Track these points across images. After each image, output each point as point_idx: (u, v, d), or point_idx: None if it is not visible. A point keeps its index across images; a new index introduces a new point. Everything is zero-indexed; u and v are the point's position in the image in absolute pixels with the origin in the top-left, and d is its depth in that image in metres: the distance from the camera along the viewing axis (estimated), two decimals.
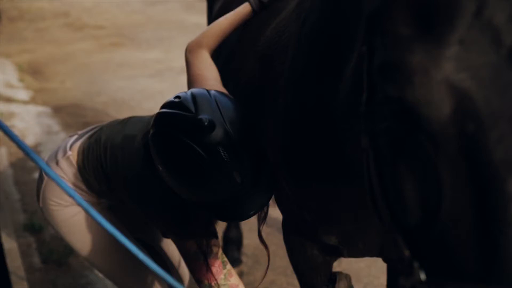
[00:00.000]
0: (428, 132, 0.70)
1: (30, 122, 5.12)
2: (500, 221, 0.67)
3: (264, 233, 1.48)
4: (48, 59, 7.20)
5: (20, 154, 4.22)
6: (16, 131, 4.85)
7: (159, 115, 1.45)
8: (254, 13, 1.70)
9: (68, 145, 1.86)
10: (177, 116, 1.39)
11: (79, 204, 0.94)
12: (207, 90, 1.47)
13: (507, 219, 0.66)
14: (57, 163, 1.84)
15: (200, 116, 1.35)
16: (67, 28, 8.89)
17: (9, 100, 5.64)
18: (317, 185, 1.31)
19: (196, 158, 1.34)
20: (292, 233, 1.57)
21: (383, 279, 1.61)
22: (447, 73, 0.68)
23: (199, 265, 1.62)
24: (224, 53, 1.76)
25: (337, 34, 1.09)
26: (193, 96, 1.43)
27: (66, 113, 5.38)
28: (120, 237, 0.92)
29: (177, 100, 1.43)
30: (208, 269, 1.61)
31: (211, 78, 1.64)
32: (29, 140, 4.71)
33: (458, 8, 0.67)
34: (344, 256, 1.60)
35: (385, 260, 1.56)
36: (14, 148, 4.36)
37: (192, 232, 1.62)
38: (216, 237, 1.67)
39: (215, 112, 1.38)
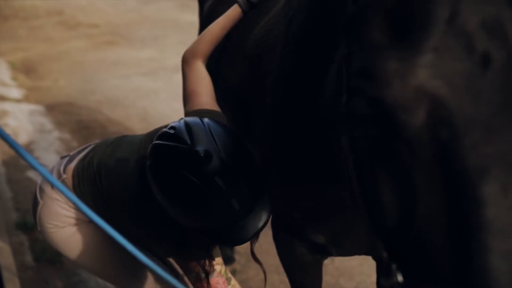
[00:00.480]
0: (404, 137, 0.71)
1: (23, 121, 5.11)
2: (473, 227, 0.68)
3: None
4: (42, 58, 7.18)
5: (12, 152, 4.21)
6: (9, 130, 4.84)
7: (155, 147, 1.46)
8: (244, 13, 1.71)
9: (62, 168, 1.86)
10: (173, 148, 1.40)
11: (80, 209, 0.95)
12: (200, 119, 1.47)
13: (480, 225, 0.67)
14: (52, 187, 1.84)
15: (196, 148, 1.36)
16: (61, 27, 8.86)
17: (1, 98, 5.63)
18: (305, 184, 1.32)
19: (194, 189, 1.35)
20: (281, 231, 1.58)
21: (375, 277, 1.63)
22: (421, 80, 0.69)
23: (204, 284, 1.63)
24: (215, 52, 1.76)
25: (324, 34, 1.10)
26: (188, 126, 1.44)
27: (60, 112, 5.37)
28: (125, 244, 0.93)
29: (172, 131, 1.44)
30: (213, 287, 1.62)
31: (204, 94, 1.66)
32: (22, 139, 4.70)
33: (431, 16, 0.68)
34: (332, 255, 1.61)
35: (375, 259, 1.57)
36: (6, 146, 4.35)
37: (192, 254, 1.63)
38: (219, 256, 1.67)
39: (210, 142, 1.39)
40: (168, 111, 5.29)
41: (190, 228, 1.48)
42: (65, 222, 1.84)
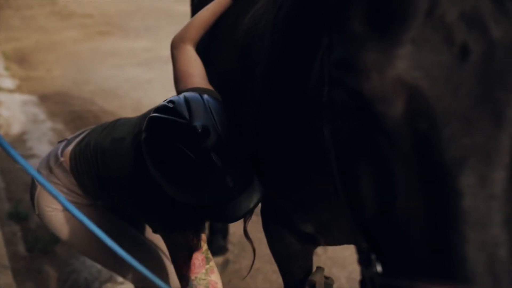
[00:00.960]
0: (383, 129, 0.71)
1: (16, 111, 5.09)
2: (450, 218, 0.68)
3: (250, 221, 1.49)
4: (35, 48, 7.15)
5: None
6: (1, 120, 4.82)
7: (152, 119, 1.45)
8: (234, 0, 1.71)
9: (59, 152, 1.88)
10: (171, 122, 1.39)
11: (59, 201, 0.96)
12: (200, 95, 1.47)
13: (457, 216, 0.67)
14: (50, 171, 1.87)
15: (195, 123, 1.36)
16: (54, 17, 8.82)
17: None
18: (292, 173, 1.32)
19: (190, 164, 1.35)
20: (270, 221, 1.59)
21: None
22: (400, 72, 0.69)
23: (183, 257, 1.64)
24: (205, 39, 1.76)
25: (310, 22, 1.10)
26: (187, 101, 1.43)
27: (53, 102, 5.35)
28: (102, 235, 0.93)
29: (170, 105, 1.44)
30: (191, 262, 1.63)
31: (196, 74, 1.65)
32: (15, 129, 4.69)
33: (411, 7, 0.68)
34: (321, 244, 1.62)
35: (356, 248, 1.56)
36: None
37: (181, 228, 1.63)
38: (204, 233, 1.68)
39: (208, 118, 1.39)
40: (162, 100, 5.27)
41: (183, 203, 1.48)
42: None
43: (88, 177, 1.80)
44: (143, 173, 1.55)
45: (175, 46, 1.75)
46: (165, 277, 1.99)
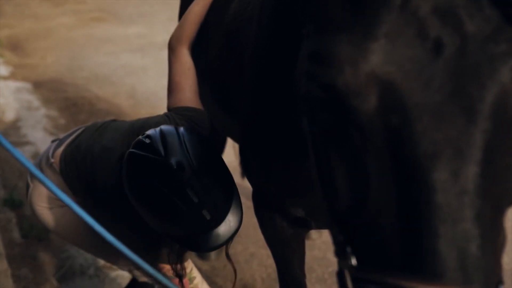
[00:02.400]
0: (356, 123, 0.71)
1: (9, 98, 5.07)
2: (422, 213, 0.68)
3: (245, 206, 1.50)
4: (28, 35, 7.10)
5: None
6: None
7: (130, 155, 1.49)
8: None
9: (50, 153, 1.88)
10: (147, 159, 1.44)
11: (58, 196, 0.97)
12: (176, 129, 1.51)
13: (429, 211, 0.67)
14: (42, 171, 1.87)
15: (170, 160, 1.40)
16: (48, 3, 8.75)
17: None
18: (281, 159, 1.33)
19: (166, 200, 1.39)
20: (261, 206, 1.60)
21: None
22: (373, 66, 0.68)
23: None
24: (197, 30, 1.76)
25: (295, 10, 1.09)
26: (163, 136, 1.47)
27: (47, 89, 5.33)
28: (100, 230, 0.95)
29: (147, 141, 1.47)
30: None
31: (187, 89, 1.72)
32: (9, 116, 4.67)
33: (384, 1, 0.68)
34: (312, 228, 1.63)
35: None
36: None
37: (163, 256, 1.70)
38: (186, 260, 1.74)
39: (183, 154, 1.42)
40: (156, 87, 5.27)
41: (162, 233, 1.51)
42: (54, 203, 1.88)
43: (77, 180, 1.81)
44: (125, 194, 1.57)
45: (172, 49, 1.80)
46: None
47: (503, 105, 0.68)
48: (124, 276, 2.75)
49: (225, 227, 1.40)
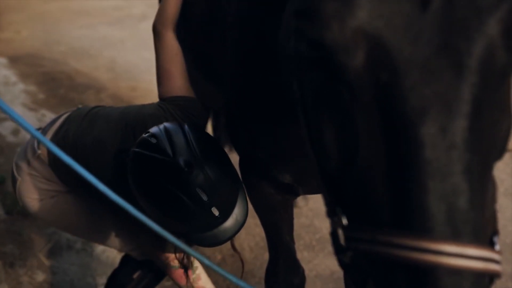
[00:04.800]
0: (344, 79, 0.71)
1: None
2: (411, 168, 0.68)
3: None
4: (2, 8, 6.91)
5: None
6: None
7: (136, 155, 1.46)
8: None
9: (36, 143, 1.84)
10: (155, 160, 1.41)
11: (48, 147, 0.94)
12: (181, 126, 1.48)
13: (418, 166, 0.67)
14: (29, 163, 1.84)
15: (178, 160, 1.38)
16: None
17: None
18: (267, 124, 1.33)
19: (176, 199, 1.38)
20: (248, 172, 1.60)
21: None
22: (360, 21, 0.68)
23: (171, 271, 1.83)
24: None
25: None
26: (169, 135, 1.44)
27: (24, 64, 5.22)
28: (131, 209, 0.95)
29: (153, 140, 1.44)
30: (179, 275, 1.83)
31: (178, 76, 1.68)
32: None
33: None
34: (299, 194, 1.64)
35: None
36: None
37: (169, 248, 1.73)
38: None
39: (191, 153, 1.40)
40: (136, 59, 5.20)
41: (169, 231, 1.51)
42: (44, 195, 1.86)
43: (67, 171, 1.76)
44: (123, 191, 1.55)
45: (157, 34, 1.74)
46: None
47: (491, 58, 0.68)
48: (111, 249, 2.75)
49: (232, 221, 1.41)
